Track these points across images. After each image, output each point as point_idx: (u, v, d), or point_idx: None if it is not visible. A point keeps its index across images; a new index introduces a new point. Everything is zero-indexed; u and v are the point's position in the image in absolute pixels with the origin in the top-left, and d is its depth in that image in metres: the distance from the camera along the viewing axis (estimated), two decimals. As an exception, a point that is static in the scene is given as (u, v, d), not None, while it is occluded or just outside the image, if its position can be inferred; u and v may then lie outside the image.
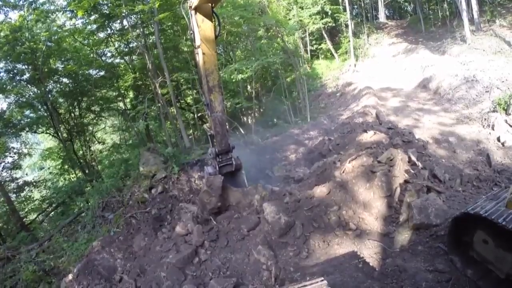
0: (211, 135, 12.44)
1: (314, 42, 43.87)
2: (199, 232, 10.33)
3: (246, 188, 12.72)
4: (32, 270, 11.86)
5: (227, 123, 12.75)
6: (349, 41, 37.59)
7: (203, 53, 10.11)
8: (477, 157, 14.65)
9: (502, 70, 20.09)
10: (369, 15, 50.18)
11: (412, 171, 10.37)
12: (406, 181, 9.80)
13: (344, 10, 37.67)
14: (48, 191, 25.76)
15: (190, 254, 9.62)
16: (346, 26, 39.26)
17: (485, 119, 17.35)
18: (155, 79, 21.56)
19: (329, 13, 37.99)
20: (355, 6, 50.47)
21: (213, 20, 10.04)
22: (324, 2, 36.90)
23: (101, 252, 10.99)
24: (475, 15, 29.19)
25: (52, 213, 23.28)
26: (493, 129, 16.34)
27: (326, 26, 39.40)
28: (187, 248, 9.93)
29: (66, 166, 27.21)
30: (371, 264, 7.97)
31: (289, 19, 35.61)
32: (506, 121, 16.07)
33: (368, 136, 12.84)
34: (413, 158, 11.06)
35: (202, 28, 9.81)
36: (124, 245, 11.60)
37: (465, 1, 28.69)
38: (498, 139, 15.54)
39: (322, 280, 5.78)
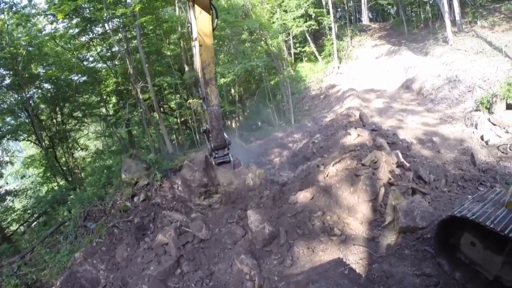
0: (206, 129, 12.22)
1: (297, 45, 44.14)
2: (175, 243, 10.05)
3: (237, 168, 12.52)
4: (14, 284, 11.39)
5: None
6: (332, 43, 37.80)
7: (200, 45, 9.93)
8: (461, 156, 14.67)
9: (484, 70, 20.26)
10: (352, 18, 50.59)
11: (396, 173, 10.23)
12: (390, 184, 9.65)
13: (328, 13, 37.95)
14: (29, 200, 25.11)
15: (172, 265, 9.32)
16: (330, 29, 39.49)
17: (468, 118, 17.46)
18: (136, 84, 21.24)
19: (313, 16, 38.33)
20: (339, 9, 50.75)
21: (211, 12, 9.88)
22: (308, 5, 37.09)
23: (83, 264, 10.64)
24: (457, 17, 29.57)
25: (34, 223, 22.71)
26: (476, 128, 16.44)
27: (309, 29, 39.72)
28: (168, 259, 9.62)
29: (48, 174, 26.64)
30: (357, 270, 7.75)
31: (273, 22, 35.70)
32: (489, 120, 16.16)
33: (352, 139, 12.70)
34: (399, 160, 10.95)
35: (199, 20, 9.57)
36: (107, 256, 11.23)
37: (447, 3, 29.05)
38: (482, 138, 15.63)
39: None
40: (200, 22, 9.59)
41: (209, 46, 10.09)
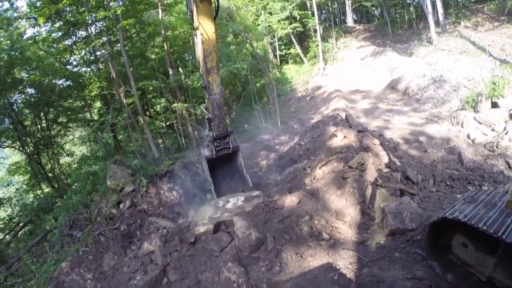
0: (208, 118, 12.23)
1: (283, 47, 44.24)
2: (161, 251, 9.79)
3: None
4: (0, 295, 11.22)
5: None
6: (317, 45, 37.84)
7: (201, 34, 9.96)
8: (448, 155, 14.67)
9: (468, 69, 20.42)
10: (337, 19, 50.94)
11: (384, 175, 10.12)
12: (378, 186, 9.53)
13: (313, 15, 38.05)
14: (14, 209, 24.61)
15: (158, 275, 9.04)
16: (315, 30, 39.58)
17: (454, 117, 17.55)
18: (119, 88, 20.92)
19: (298, 18, 38.43)
20: (323, 11, 51.03)
21: (212, 0, 9.92)
22: (293, 7, 37.16)
23: (70, 274, 10.39)
24: (441, 18, 29.96)
25: (21, 232, 22.26)
26: (462, 127, 16.52)
27: (294, 31, 39.81)
28: (154, 268, 9.34)
29: (33, 181, 26.20)
30: (347, 275, 7.53)
31: (258, 25, 35.58)
32: (475, 119, 16.27)
33: (338, 140, 12.56)
34: (386, 161, 10.87)
35: (201, 8, 9.62)
36: (94, 265, 10.95)
37: (431, 4, 29.38)
38: (468, 137, 15.68)
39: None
40: (202, 11, 9.69)
41: (210, 35, 10.17)
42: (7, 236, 22.10)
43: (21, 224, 22.75)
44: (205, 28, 9.87)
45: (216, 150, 12.45)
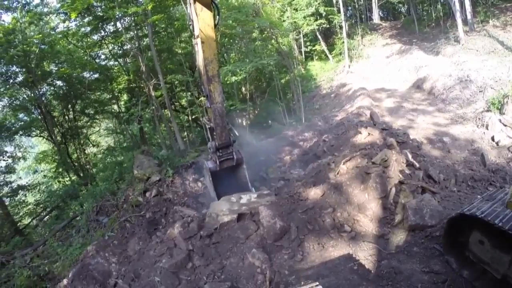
0: (210, 128, 12.27)
1: (308, 43, 44.00)
2: (183, 237, 10.23)
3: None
4: (26, 275, 11.70)
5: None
6: (343, 42, 37.58)
7: (202, 42, 10.03)
8: (471, 156, 14.65)
9: (495, 70, 20.12)
10: (363, 16, 50.24)
11: (406, 172, 10.33)
12: (400, 182, 9.75)
13: (338, 11, 37.71)
14: (42, 195, 25.55)
15: (184, 259, 9.55)
16: (340, 27, 39.29)
17: (479, 118, 17.40)
18: (148, 82, 21.43)
19: (323, 15, 38.11)
20: (349, 8, 50.58)
21: (212, 9, 9.98)
22: (319, 3, 36.95)
23: (95, 257, 10.91)
24: (469, 16, 29.32)
25: (47, 217, 23.12)
26: (487, 128, 16.40)
27: (320, 28, 39.53)
28: (180, 253, 9.85)
29: (60, 170, 27.03)
30: (366, 266, 7.90)
31: (283, 21, 35.60)
32: (500, 121, 16.11)
33: (363, 137, 12.80)
34: (409, 159, 11.04)
35: (201, 17, 9.73)
36: (119, 249, 11.51)
37: (459, 2, 28.84)
38: (493, 139, 15.60)
39: (317, 285, 5.72)
40: (202, 19, 9.75)
41: (211, 43, 10.20)
42: (33, 221, 22.98)
43: (48, 209, 23.60)
44: (206, 36, 9.92)
45: (220, 161, 12.33)
